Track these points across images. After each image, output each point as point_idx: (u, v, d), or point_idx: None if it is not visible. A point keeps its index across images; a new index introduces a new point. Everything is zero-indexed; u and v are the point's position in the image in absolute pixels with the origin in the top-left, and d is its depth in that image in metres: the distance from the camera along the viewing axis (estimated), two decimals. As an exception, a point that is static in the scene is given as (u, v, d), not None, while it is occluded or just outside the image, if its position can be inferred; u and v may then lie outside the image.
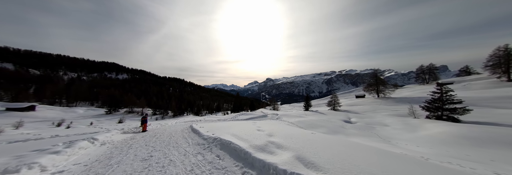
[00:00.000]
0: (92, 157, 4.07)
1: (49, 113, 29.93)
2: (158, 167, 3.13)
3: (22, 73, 54.06)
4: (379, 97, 30.31)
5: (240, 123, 7.94)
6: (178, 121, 17.57)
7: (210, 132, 5.64)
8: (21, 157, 3.47)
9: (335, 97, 25.60)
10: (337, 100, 25.24)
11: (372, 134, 10.55)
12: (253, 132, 4.59)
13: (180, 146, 4.67)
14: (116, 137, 6.71)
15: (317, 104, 40.82)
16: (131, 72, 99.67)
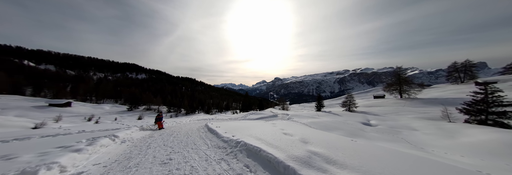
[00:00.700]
0: (112, 157, 3.85)
1: (82, 109, 32.83)
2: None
3: (61, 74, 60.61)
4: (402, 97, 27.35)
5: (258, 124, 7.37)
6: (192, 119, 17.68)
7: (228, 133, 5.16)
8: (44, 155, 3.32)
9: (351, 97, 23.65)
10: (352, 101, 23.27)
11: (399, 139, 9.22)
12: (280, 136, 3.96)
13: (199, 148, 4.24)
14: (136, 134, 6.63)
15: (329, 104, 38.58)
16: (149, 72, 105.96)
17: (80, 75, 66.49)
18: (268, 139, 3.68)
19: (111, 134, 5.53)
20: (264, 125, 6.47)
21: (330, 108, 31.85)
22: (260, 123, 8.05)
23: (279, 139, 3.55)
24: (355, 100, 23.67)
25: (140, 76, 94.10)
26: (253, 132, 4.70)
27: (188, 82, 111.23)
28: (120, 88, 56.93)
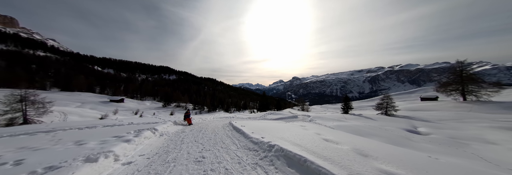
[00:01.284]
0: (153, 149, 4.12)
1: (131, 104, 39.74)
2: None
3: (117, 76, 75.27)
4: (465, 100, 21.02)
5: (283, 125, 6.82)
6: (215, 117, 18.48)
7: (256, 133, 4.85)
8: (104, 143, 3.80)
9: (388, 98, 19.78)
10: (391, 103, 19.43)
11: (469, 155, 6.85)
12: (321, 143, 3.34)
13: (228, 147, 4.08)
14: (171, 128, 7.18)
15: (359, 106, 33.84)
16: (178, 73, 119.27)
17: (129, 77, 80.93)
18: (308, 145, 3.12)
19: (151, 127, 6.10)
20: (292, 127, 5.87)
21: (360, 110, 27.80)
22: (286, 125, 7.46)
23: (324, 148, 2.94)
24: (394, 102, 19.69)
25: (171, 77, 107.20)
26: (284, 135, 4.22)
27: (209, 82, 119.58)
28: (157, 88, 66.13)
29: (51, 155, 2.95)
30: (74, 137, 4.45)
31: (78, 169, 2.33)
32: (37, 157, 2.81)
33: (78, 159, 2.66)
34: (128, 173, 2.73)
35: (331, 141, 3.46)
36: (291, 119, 18.38)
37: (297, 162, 2.48)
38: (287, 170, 2.47)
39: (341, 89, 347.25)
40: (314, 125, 8.55)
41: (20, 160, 2.67)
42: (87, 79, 49.25)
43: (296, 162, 2.49)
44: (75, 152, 3.08)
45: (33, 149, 3.37)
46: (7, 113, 12.03)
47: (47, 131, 5.37)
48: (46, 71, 50.51)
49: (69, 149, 3.30)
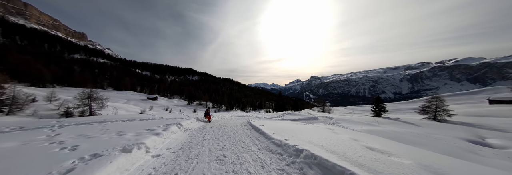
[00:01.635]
0: (178, 144, 4.27)
1: (162, 101, 45.50)
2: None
3: (152, 77, 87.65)
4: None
5: (306, 127, 6.17)
6: (232, 115, 18.89)
7: (277, 134, 4.45)
8: (138, 135, 4.15)
9: (438, 100, 15.86)
10: (442, 106, 15.52)
11: None
12: (364, 151, 2.67)
13: (248, 147, 3.84)
14: (194, 124, 7.56)
15: (395, 109, 28.71)
16: (199, 74, 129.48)
17: (161, 78, 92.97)
18: (348, 154, 2.51)
19: (177, 122, 6.52)
20: (319, 130, 5.17)
21: (397, 114, 23.48)
22: (308, 126, 6.74)
23: (373, 160, 2.28)
24: (447, 105, 15.59)
25: (194, 78, 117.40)
26: (312, 138, 3.67)
27: (227, 82, 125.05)
28: (182, 87, 73.51)
29: (98, 143, 3.35)
30: (117, 128, 5.10)
31: (115, 159, 2.48)
32: (88, 144, 3.22)
33: (116, 149, 2.89)
34: (156, 166, 2.80)
35: (379, 151, 2.72)
36: (310, 120, 16.97)
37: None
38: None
39: (370, 89, 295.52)
40: (343, 129, 7.46)
41: (76, 146, 3.09)
42: (131, 80, 59.13)
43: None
44: (115, 142, 3.41)
45: (87, 136, 3.95)
46: (80, 106, 15.39)
47: (100, 122, 6.42)
48: (104, 74, 63.29)
49: (111, 139, 3.71)
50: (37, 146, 3.10)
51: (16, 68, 29.27)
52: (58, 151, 2.81)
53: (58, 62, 52.64)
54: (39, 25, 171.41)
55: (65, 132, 4.38)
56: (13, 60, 33.15)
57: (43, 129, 4.70)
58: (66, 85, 41.97)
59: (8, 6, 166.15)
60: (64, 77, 42.24)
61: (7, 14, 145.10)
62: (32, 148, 2.95)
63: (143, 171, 2.56)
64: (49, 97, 19.18)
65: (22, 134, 4.14)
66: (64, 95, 22.78)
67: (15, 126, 5.08)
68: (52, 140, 3.55)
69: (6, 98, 11.37)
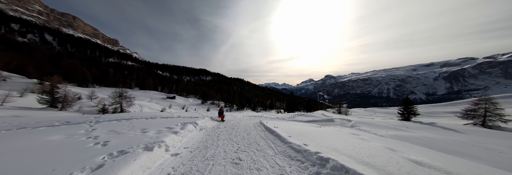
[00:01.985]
0: (195, 143, 4.34)
1: (179, 100, 48.83)
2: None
3: (171, 78, 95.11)
4: None
5: (328, 131, 5.63)
6: (244, 115, 18.95)
7: (294, 138, 4.13)
8: (159, 133, 4.36)
9: (489, 102, 13.00)
10: (494, 109, 12.70)
11: None
12: (411, 166, 2.18)
13: (264, 151, 3.64)
14: (208, 123, 7.74)
15: (428, 112, 24.93)
16: (212, 75, 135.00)
17: (179, 78, 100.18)
18: (391, 169, 2.02)
19: (193, 121, 6.74)
20: (342, 135, 4.64)
21: (432, 118, 20.26)
22: (327, 130, 6.17)
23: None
24: (502, 109, 12.64)
25: (207, 78, 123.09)
26: (336, 145, 3.26)
27: (238, 82, 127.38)
28: (197, 87, 77.74)
29: (124, 139, 3.59)
30: (142, 125, 5.51)
31: (139, 157, 2.57)
32: (117, 140, 3.48)
33: (140, 146, 3.03)
34: (175, 165, 2.82)
35: (430, 167, 2.15)
36: (326, 122, 15.80)
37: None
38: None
39: (395, 89, 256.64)
40: (370, 135, 6.62)
41: (107, 141, 3.36)
42: (153, 81, 65.23)
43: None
44: (139, 139, 3.62)
45: (116, 132, 4.32)
46: (113, 104, 17.54)
47: (127, 119, 7.08)
48: (132, 75, 71.26)
49: (136, 136, 3.96)
50: (76, 139, 3.49)
51: (67, 71, 35.18)
52: (92, 146, 3.08)
53: (97, 65, 61.43)
54: (84, 34, 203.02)
55: (99, 127, 4.90)
56: (65, 64, 39.96)
57: (83, 124, 5.37)
58: (103, 85, 48.64)
59: (62, 20, 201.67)
60: (101, 78, 49.01)
61: (61, 27, 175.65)
62: (73, 142, 3.32)
63: (163, 171, 2.60)
64: (90, 96, 22.43)
65: (67, 128, 4.78)
66: (101, 94, 26.42)
67: (63, 120, 5.96)
68: (89, 134, 3.97)
69: (59, 96, 13.62)
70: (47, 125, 5.00)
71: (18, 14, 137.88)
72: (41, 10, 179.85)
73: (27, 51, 39.73)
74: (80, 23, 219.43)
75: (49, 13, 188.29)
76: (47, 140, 3.32)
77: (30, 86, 18.64)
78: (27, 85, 19.20)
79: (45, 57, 41.44)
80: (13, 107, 8.93)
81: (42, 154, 2.53)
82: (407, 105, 17.24)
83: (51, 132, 4.14)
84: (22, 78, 24.76)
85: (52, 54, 50.28)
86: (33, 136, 3.62)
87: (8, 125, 4.66)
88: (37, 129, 4.46)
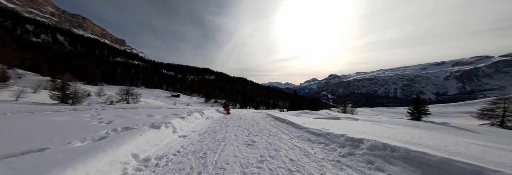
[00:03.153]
0: (202, 128, 4.10)
1: (184, 99, 49.31)
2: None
3: (175, 77, 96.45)
4: None
5: (346, 122, 5.21)
6: (248, 111, 18.68)
7: (309, 125, 3.78)
8: (165, 117, 4.13)
9: (509, 102, 12.05)
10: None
11: None
12: (461, 143, 1.77)
13: (278, 136, 3.36)
14: (214, 114, 7.52)
15: (440, 112, 23.69)
16: (215, 74, 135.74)
17: (183, 77, 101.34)
18: (452, 149, 1.62)
19: (200, 111, 6.53)
20: (361, 124, 4.25)
21: (444, 118, 19.19)
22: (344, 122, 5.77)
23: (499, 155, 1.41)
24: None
25: (210, 77, 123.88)
26: (364, 129, 2.90)
27: (241, 81, 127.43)
28: (201, 86, 78.34)
29: (130, 121, 3.39)
30: (148, 112, 5.34)
31: (145, 133, 2.34)
32: (121, 121, 3.28)
33: (146, 125, 2.80)
34: (183, 144, 2.57)
35: (483, 144, 1.74)
36: (332, 120, 15.23)
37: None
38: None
39: (403, 89, 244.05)
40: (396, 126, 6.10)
41: (111, 121, 3.17)
42: (158, 79, 66.23)
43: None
44: (145, 120, 3.41)
45: (122, 116, 4.14)
46: (120, 100, 17.75)
47: (134, 108, 6.98)
48: (138, 74, 72.67)
49: (142, 119, 3.75)
50: (82, 120, 3.31)
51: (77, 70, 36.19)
52: (96, 124, 2.89)
53: (105, 64, 62.95)
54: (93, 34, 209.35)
55: (105, 113, 4.76)
56: (75, 63, 41.16)
57: (89, 111, 5.27)
58: (111, 84, 49.79)
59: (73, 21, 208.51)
60: (109, 76, 50.16)
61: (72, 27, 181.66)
62: (77, 122, 3.14)
63: (172, 148, 2.34)
64: (99, 93, 22.89)
65: (73, 113, 4.67)
66: (109, 91, 26.97)
67: (70, 108, 5.90)
68: (94, 117, 3.81)
69: (70, 93, 13.96)
70: (54, 111, 4.92)
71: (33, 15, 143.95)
72: (53, 11, 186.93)
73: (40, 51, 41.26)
74: (89, 24, 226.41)
75: (61, 14, 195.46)
76: (52, 120, 3.16)
77: (43, 83, 19.37)
78: (40, 82, 19.96)
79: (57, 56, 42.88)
80: (27, 102, 9.17)
81: (43, 129, 2.34)
82: (417, 105, 16.24)
83: (58, 115, 4.01)
84: (35, 76, 25.79)
85: (63, 53, 52.00)
86: (39, 117, 3.49)
87: (16, 111, 4.59)
88: (44, 112, 4.36)
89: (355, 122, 5.01)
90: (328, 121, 4.93)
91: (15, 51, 16.48)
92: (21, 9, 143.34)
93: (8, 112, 4.06)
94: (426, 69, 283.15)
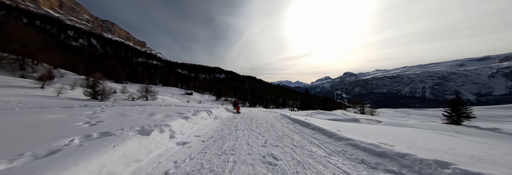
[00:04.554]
0: (208, 131, 3.38)
1: (196, 96, 51.18)
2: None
3: (189, 76, 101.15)
4: None
5: (387, 128, 3.98)
6: (258, 110, 17.90)
7: (346, 132, 2.72)
8: (167, 117, 3.53)
9: None
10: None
11: None
12: None
13: (307, 148, 2.39)
14: (223, 113, 6.87)
15: (485, 116, 19.43)
16: (226, 72, 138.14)
17: (196, 76, 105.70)
18: None
19: (208, 109, 5.91)
20: (417, 133, 2.99)
21: (491, 123, 15.40)
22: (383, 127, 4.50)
23: None
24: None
25: (221, 76, 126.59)
26: (449, 146, 1.76)
27: (250, 80, 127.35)
28: (212, 85, 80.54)
29: (122, 121, 2.83)
30: (152, 110, 4.90)
31: (124, 142, 1.64)
32: (113, 121, 2.73)
33: (134, 128, 2.13)
34: (178, 158, 1.83)
35: None
36: (349, 122, 13.39)
37: None
38: None
39: (433, 88, 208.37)
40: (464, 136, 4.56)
41: (100, 121, 2.63)
42: (174, 78, 70.10)
43: None
44: (140, 121, 2.80)
45: (122, 114, 3.68)
46: (140, 97, 18.82)
47: (142, 105, 6.74)
48: (157, 73, 78.12)
49: (140, 118, 3.19)
50: (73, 119, 2.88)
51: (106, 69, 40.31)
52: (79, 125, 2.35)
53: (129, 64, 69.06)
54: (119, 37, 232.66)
55: (109, 110, 4.43)
56: (105, 63, 46.02)
57: (97, 107, 5.06)
58: (134, 82, 54.43)
59: (103, 26, 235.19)
60: (132, 75, 54.86)
61: (103, 32, 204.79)
62: (66, 121, 2.69)
63: (159, 166, 1.61)
64: (123, 90, 24.93)
65: (80, 109, 4.45)
66: (131, 89, 29.26)
67: (83, 104, 5.88)
68: (92, 115, 3.39)
69: (99, 90, 15.36)
70: (65, 107, 4.84)
71: (73, 22, 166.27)
72: (88, 18, 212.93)
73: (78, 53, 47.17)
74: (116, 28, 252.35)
75: (94, 20, 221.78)
76: (42, 118, 2.78)
77: (79, 81, 22.08)
78: (76, 80, 22.83)
79: (91, 58, 48.50)
80: (66, 98, 10.18)
81: (9, 132, 1.85)
82: (457, 106, 13.11)
83: (58, 112, 3.74)
84: (74, 75, 29.62)
85: (96, 55, 58.65)
86: (36, 114, 3.19)
87: (23, 105, 4.58)
88: (52, 109, 4.21)
89: (405, 130, 3.69)
90: (366, 127, 3.73)
91: (59, 54, 18.76)
92: (64, 18, 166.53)
93: (17, 108, 3.98)
94: (464, 65, 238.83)
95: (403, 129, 3.71)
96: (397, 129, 3.56)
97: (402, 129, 3.62)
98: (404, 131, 3.10)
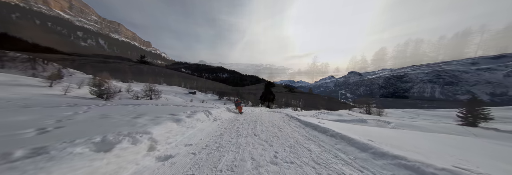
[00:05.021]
0: (204, 138, 2.74)
1: (200, 96, 51.30)
2: None
3: (192, 75, 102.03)
4: None
5: (419, 134, 3.16)
6: (261, 110, 17.22)
7: (379, 143, 1.99)
8: (154, 119, 2.90)
9: None
10: None
11: None
12: None
13: (333, 167, 1.65)
14: (224, 114, 6.26)
15: (502, 117, 17.50)
16: (228, 72, 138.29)
17: (199, 75, 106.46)
18: None
19: (207, 110, 5.31)
20: (461, 141, 2.21)
21: (509, 124, 13.82)
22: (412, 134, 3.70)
23: None
24: None
25: (224, 75, 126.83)
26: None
27: (253, 79, 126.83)
28: (215, 84, 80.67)
29: (92, 126, 2.24)
30: (144, 110, 4.35)
31: (59, 165, 0.99)
32: (79, 126, 2.13)
33: (91, 141, 1.49)
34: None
35: None
36: (358, 123, 12.42)
37: None
38: None
39: (444, 87, 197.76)
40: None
41: (60, 127, 2.04)
42: (178, 78, 70.76)
43: None
44: (115, 126, 2.20)
45: (104, 116, 3.13)
46: (144, 96, 18.70)
47: (137, 104, 6.25)
48: (161, 72, 79.22)
49: (119, 121, 2.61)
50: (35, 122, 2.33)
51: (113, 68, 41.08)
52: (28, 132, 1.76)
53: (134, 64, 70.31)
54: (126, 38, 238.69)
55: (95, 110, 3.92)
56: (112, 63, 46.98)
57: (84, 107, 4.57)
58: (139, 81, 55.36)
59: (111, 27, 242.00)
60: (137, 75, 55.75)
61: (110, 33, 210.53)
62: (19, 126, 2.12)
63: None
64: (128, 89, 25.11)
65: (63, 109, 3.96)
66: (136, 88, 29.51)
67: (72, 103, 5.44)
68: (67, 117, 2.85)
69: (104, 89, 15.49)
70: (51, 106, 4.40)
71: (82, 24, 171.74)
72: (96, 19, 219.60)
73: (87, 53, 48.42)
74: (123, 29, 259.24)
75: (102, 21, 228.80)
76: (4, 121, 2.25)
77: (86, 80, 22.49)
78: (84, 79, 23.25)
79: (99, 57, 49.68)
80: (73, 96, 10.16)
81: None
82: (473, 107, 11.77)
83: (34, 112, 3.24)
84: (82, 74, 30.32)
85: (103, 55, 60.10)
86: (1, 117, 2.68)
87: (11, 104, 4.18)
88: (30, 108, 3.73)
89: (448, 137, 2.87)
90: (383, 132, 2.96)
91: (68, 54, 19.01)
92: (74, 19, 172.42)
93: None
94: (478, 63, 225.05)
95: (442, 135, 2.90)
96: (438, 136, 2.76)
97: (442, 135, 2.81)
98: (451, 140, 2.31)
